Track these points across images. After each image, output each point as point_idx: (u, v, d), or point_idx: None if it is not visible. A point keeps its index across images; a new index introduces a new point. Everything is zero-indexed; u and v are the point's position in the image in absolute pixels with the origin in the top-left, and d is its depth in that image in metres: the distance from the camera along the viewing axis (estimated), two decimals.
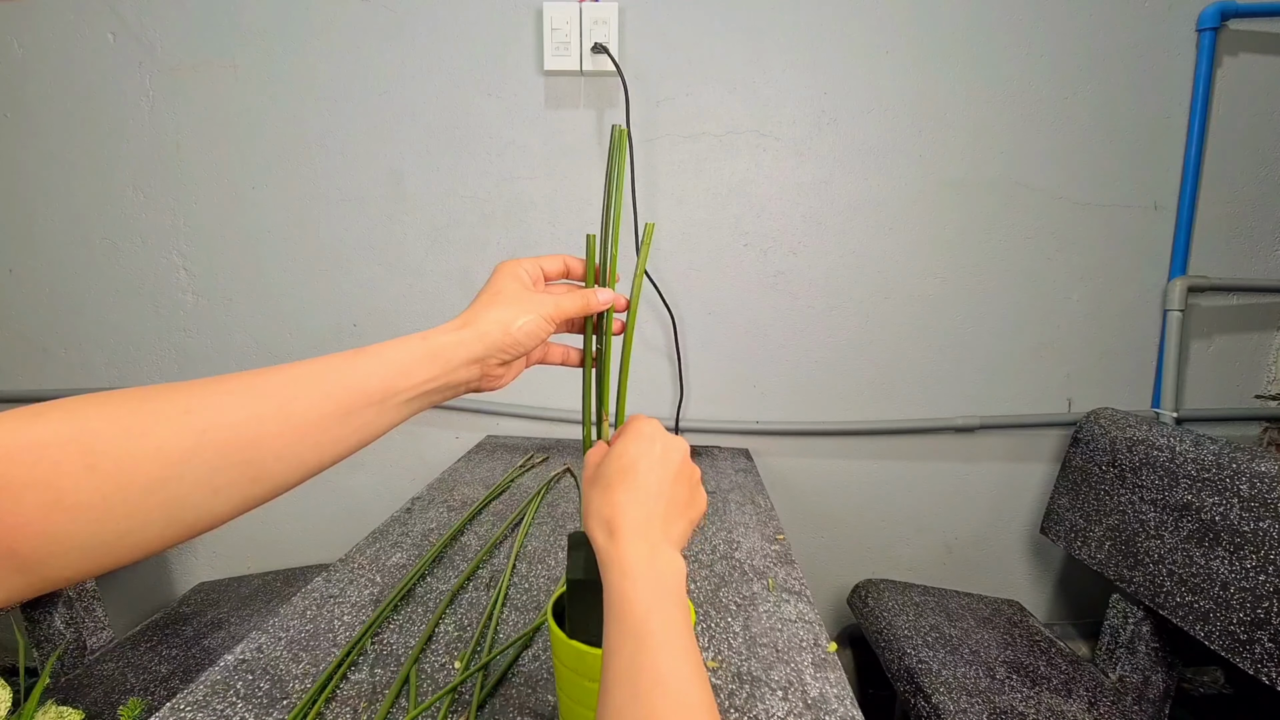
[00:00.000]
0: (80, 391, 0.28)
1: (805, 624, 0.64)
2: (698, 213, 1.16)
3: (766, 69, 1.11)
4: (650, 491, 0.38)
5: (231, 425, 0.29)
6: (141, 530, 0.27)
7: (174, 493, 0.27)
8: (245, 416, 0.30)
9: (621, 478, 0.38)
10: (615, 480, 0.38)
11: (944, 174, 1.14)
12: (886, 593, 1.14)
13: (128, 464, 0.26)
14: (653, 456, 0.39)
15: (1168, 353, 1.16)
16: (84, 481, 0.25)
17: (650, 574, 0.34)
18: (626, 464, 0.39)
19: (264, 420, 0.31)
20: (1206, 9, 1.06)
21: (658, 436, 0.40)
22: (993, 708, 0.86)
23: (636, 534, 0.36)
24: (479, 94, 1.13)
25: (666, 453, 0.40)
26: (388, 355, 0.36)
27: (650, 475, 0.38)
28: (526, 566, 0.76)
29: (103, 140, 1.17)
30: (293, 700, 0.52)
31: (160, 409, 0.28)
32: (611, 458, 0.40)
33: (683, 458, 0.41)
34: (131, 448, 0.26)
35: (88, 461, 0.25)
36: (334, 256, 1.20)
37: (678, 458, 0.40)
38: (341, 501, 1.30)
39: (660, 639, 0.31)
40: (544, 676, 0.56)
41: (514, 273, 0.42)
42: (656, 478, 0.38)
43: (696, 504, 0.41)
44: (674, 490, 0.39)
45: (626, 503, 0.37)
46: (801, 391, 1.22)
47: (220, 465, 0.29)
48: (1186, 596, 0.86)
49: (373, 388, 0.35)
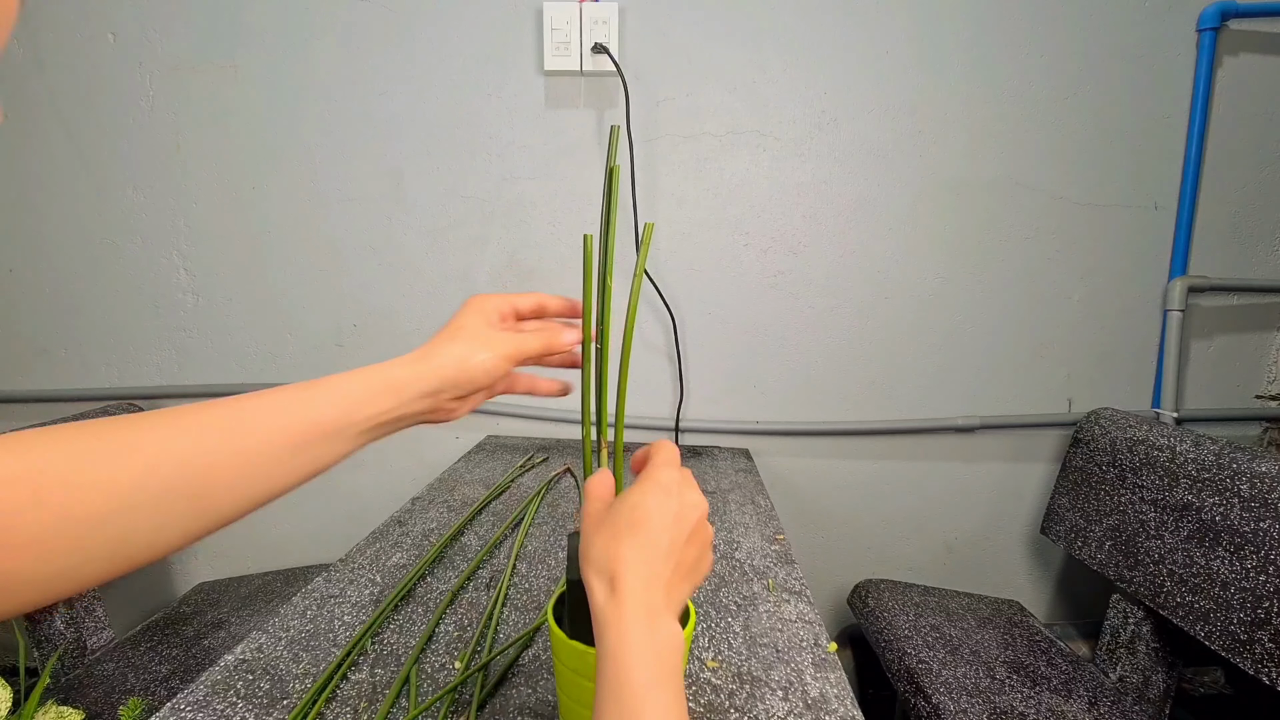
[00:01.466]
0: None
1: (805, 624, 0.64)
2: (698, 213, 1.16)
3: (766, 69, 1.11)
4: (660, 551, 0.35)
5: (180, 459, 0.29)
6: (86, 564, 0.27)
7: (121, 527, 0.27)
8: (194, 450, 0.30)
9: (631, 530, 0.35)
10: (624, 531, 0.35)
11: (944, 174, 1.14)
12: (886, 593, 1.14)
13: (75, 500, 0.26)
14: (668, 512, 0.36)
15: (1168, 353, 1.16)
16: (31, 519, 0.25)
17: (650, 648, 0.32)
18: (640, 517, 0.36)
19: (213, 453, 0.30)
20: (1206, 9, 1.06)
21: (676, 491, 0.37)
22: (993, 708, 0.86)
23: (638, 598, 0.33)
24: (479, 94, 1.13)
25: (684, 510, 0.37)
26: (343, 388, 0.36)
27: (663, 534, 0.35)
28: (526, 566, 0.76)
29: (103, 140, 1.17)
30: (293, 700, 0.52)
31: (108, 445, 0.28)
32: (624, 504, 0.37)
33: (699, 518, 0.38)
34: (80, 483, 0.26)
35: (36, 498, 0.25)
36: (334, 256, 1.20)
37: (694, 517, 0.37)
38: (341, 501, 1.30)
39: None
40: (544, 676, 0.56)
41: (480, 308, 0.43)
42: (670, 538, 0.36)
43: (702, 568, 0.38)
44: (684, 552, 0.36)
45: (633, 559, 0.34)
46: (801, 391, 1.22)
47: (168, 499, 0.29)
48: (1187, 596, 0.86)
49: (326, 420, 0.35)
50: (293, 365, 1.25)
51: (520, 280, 1.19)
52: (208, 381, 1.25)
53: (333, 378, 0.37)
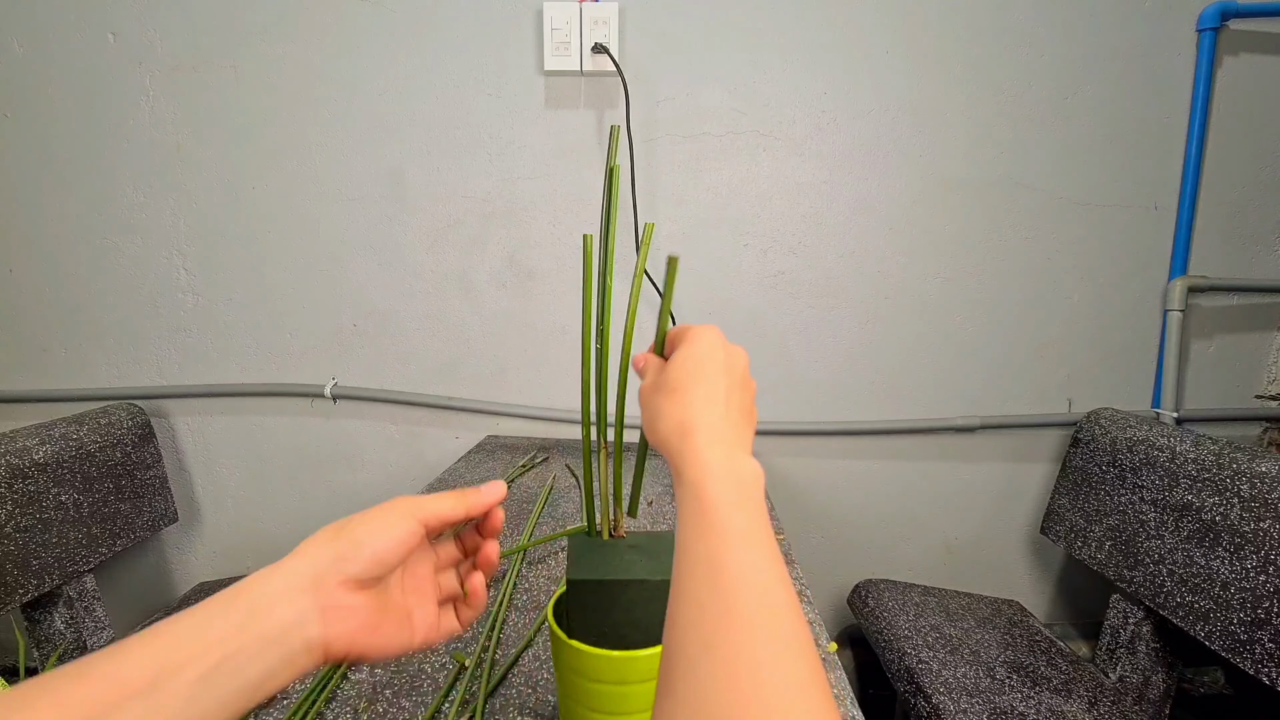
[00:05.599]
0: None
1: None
2: (698, 213, 1.16)
3: (766, 69, 1.11)
4: (721, 393, 0.35)
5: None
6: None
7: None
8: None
9: (692, 381, 0.35)
10: (684, 383, 0.35)
11: (944, 174, 1.14)
12: (886, 593, 1.14)
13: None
14: (719, 360, 0.36)
15: (1168, 353, 1.16)
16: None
17: (732, 475, 0.31)
18: (693, 367, 0.36)
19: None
20: (1206, 9, 1.06)
21: (720, 344, 0.37)
22: (993, 708, 0.86)
23: (715, 435, 0.33)
24: (479, 94, 1.13)
25: (731, 359, 0.37)
26: (158, 630, 0.27)
27: (721, 378, 0.36)
28: (527, 567, 0.76)
29: (103, 140, 1.17)
30: (292, 700, 0.52)
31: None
32: (676, 363, 0.37)
33: (745, 365, 0.38)
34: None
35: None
36: (334, 256, 1.20)
37: (742, 364, 0.38)
38: (341, 502, 1.30)
39: (744, 537, 0.29)
40: (544, 676, 0.56)
41: (395, 505, 0.35)
42: (727, 382, 0.36)
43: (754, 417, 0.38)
44: (740, 399, 0.36)
45: (700, 404, 0.34)
46: (801, 391, 1.22)
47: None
48: (1187, 596, 0.86)
49: (129, 677, 0.25)
50: (293, 365, 1.25)
51: (520, 280, 1.19)
52: (208, 381, 1.25)
53: (172, 619, 0.27)
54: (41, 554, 0.95)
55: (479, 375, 1.24)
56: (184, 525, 1.32)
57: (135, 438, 1.14)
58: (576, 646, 0.40)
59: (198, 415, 1.28)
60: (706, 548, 0.29)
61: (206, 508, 1.32)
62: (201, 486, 1.31)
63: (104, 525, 1.06)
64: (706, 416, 0.34)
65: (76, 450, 1.02)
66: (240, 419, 1.28)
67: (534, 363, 1.23)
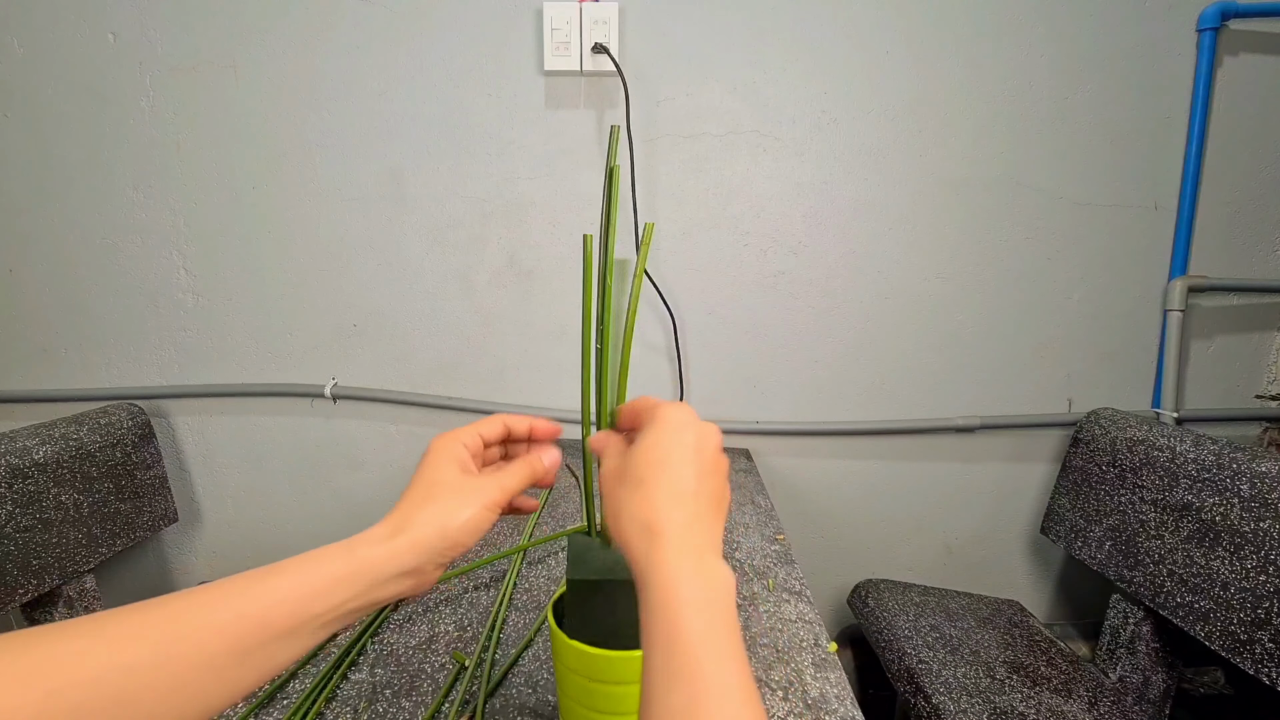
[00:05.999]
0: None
1: (805, 624, 0.64)
2: (698, 213, 1.16)
3: (766, 69, 1.11)
4: (689, 488, 0.33)
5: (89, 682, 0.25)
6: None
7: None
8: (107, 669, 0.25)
9: (656, 473, 0.33)
10: (649, 476, 0.33)
11: (944, 174, 1.14)
12: (886, 593, 1.14)
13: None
14: (687, 446, 0.34)
15: (1168, 353, 1.16)
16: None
17: (701, 594, 0.30)
18: (660, 456, 0.34)
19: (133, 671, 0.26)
20: (1206, 9, 1.06)
21: (689, 425, 0.35)
22: (993, 708, 0.86)
23: (683, 542, 0.31)
24: (479, 94, 1.13)
25: (701, 441, 0.35)
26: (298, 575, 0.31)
27: (688, 469, 0.34)
28: (527, 567, 0.76)
29: (103, 140, 1.17)
30: (292, 700, 0.52)
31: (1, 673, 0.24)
32: (640, 450, 0.35)
33: (716, 446, 0.36)
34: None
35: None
36: (334, 256, 1.20)
37: (712, 445, 0.36)
38: (341, 501, 1.30)
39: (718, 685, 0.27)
40: (544, 676, 0.56)
41: (450, 454, 0.37)
42: (695, 471, 0.34)
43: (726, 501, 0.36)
44: (711, 486, 0.34)
45: (667, 504, 0.32)
46: (802, 392, 1.22)
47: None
48: (1187, 596, 0.86)
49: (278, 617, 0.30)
50: (293, 365, 1.25)
51: (520, 280, 1.19)
52: (208, 381, 1.25)
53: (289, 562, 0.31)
54: (41, 554, 0.95)
55: (479, 375, 1.24)
56: (184, 525, 1.32)
57: (135, 438, 1.14)
58: (576, 646, 0.40)
59: (198, 415, 1.28)
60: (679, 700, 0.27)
61: (206, 508, 1.32)
62: (201, 486, 1.31)
63: (104, 525, 1.06)
64: (676, 516, 0.32)
65: (76, 450, 1.02)
66: (240, 419, 1.28)
67: (534, 362, 1.23)
